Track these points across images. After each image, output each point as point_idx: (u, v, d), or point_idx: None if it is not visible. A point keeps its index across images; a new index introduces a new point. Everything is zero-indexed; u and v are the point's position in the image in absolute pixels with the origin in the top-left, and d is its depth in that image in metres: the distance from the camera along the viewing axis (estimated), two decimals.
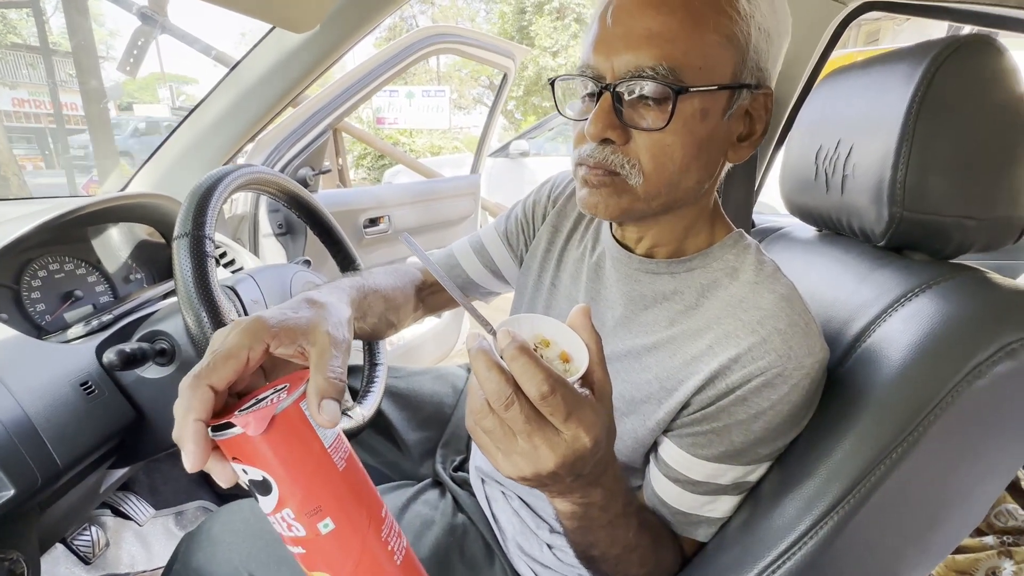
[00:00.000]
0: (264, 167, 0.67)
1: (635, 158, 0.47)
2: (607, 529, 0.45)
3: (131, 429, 0.63)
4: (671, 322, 0.53)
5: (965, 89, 0.47)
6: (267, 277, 0.65)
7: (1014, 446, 0.45)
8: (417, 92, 9.62)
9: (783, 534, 0.47)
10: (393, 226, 1.59)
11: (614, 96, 0.46)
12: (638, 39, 0.44)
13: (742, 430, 0.48)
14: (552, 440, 0.33)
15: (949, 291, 0.48)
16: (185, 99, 15.35)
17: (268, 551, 0.64)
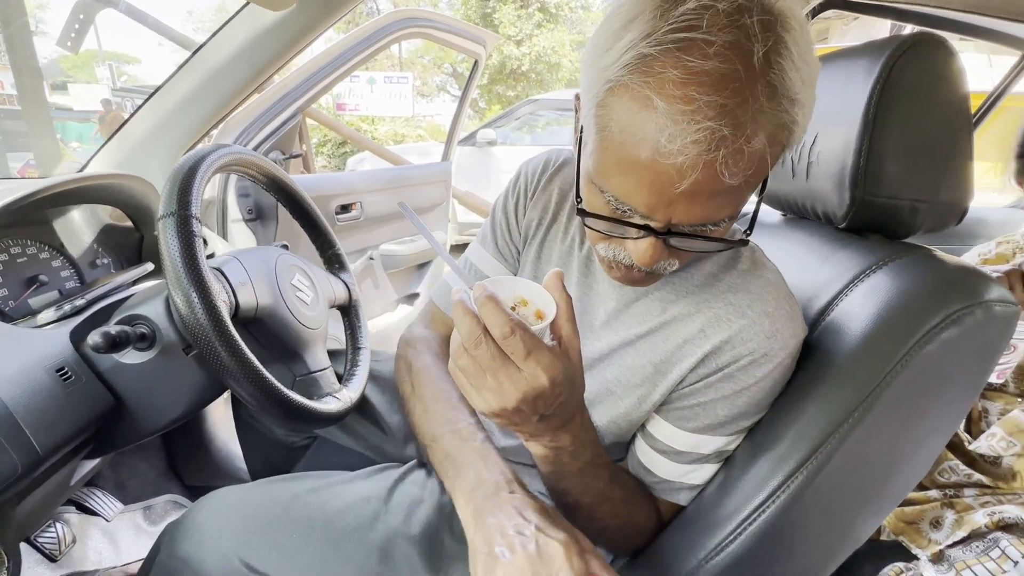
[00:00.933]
0: (246, 148, 0.65)
1: (676, 259, 0.47)
2: (578, 477, 0.49)
3: (108, 416, 0.61)
4: (663, 310, 0.56)
5: (918, 84, 0.52)
6: (252, 259, 0.64)
7: (956, 404, 0.50)
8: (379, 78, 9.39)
9: (755, 493, 0.51)
10: (365, 213, 1.56)
11: (666, 237, 0.43)
12: (707, 206, 0.40)
13: (727, 404, 0.52)
14: (514, 376, 0.38)
15: (902, 268, 0.53)
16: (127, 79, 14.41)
17: (260, 536, 0.64)
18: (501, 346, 0.38)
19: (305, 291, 0.71)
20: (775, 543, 0.51)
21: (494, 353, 0.38)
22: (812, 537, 0.54)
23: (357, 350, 0.83)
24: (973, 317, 0.46)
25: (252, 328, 0.63)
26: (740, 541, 0.51)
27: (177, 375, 0.64)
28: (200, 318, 0.50)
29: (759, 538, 0.51)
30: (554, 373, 0.38)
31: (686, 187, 0.38)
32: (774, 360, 0.51)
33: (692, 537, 0.55)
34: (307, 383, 0.68)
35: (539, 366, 0.38)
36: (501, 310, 0.37)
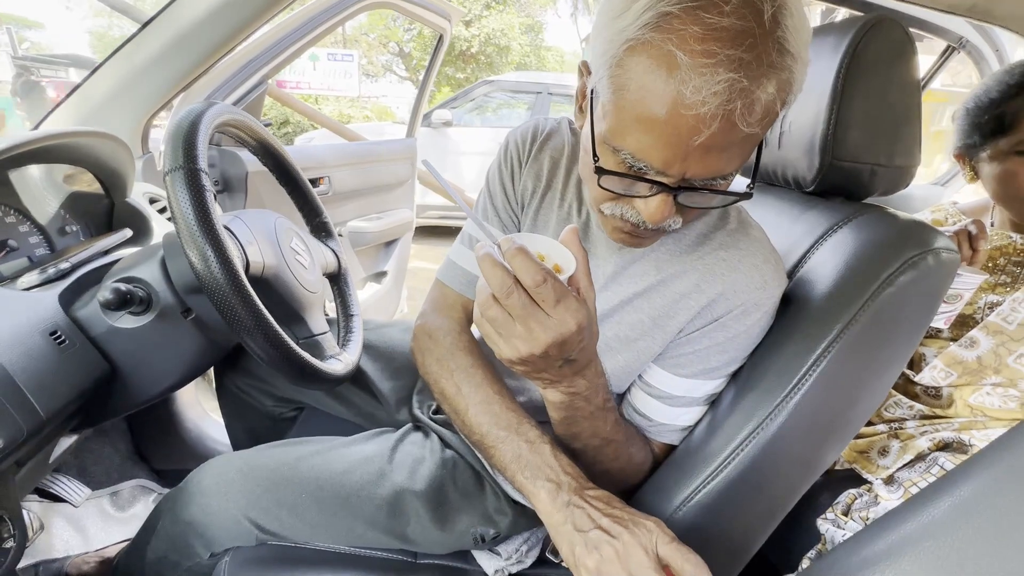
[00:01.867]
0: (241, 109, 0.64)
1: (680, 217, 0.50)
2: (589, 420, 0.53)
3: (102, 383, 0.59)
4: (658, 269, 0.60)
5: (879, 59, 0.59)
6: (254, 220, 0.63)
7: (908, 338, 0.59)
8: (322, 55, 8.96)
9: (741, 427, 0.57)
10: (333, 188, 1.53)
11: (677, 192, 0.45)
12: (720, 158, 0.43)
13: (719, 350, 0.58)
14: (545, 322, 0.40)
15: (864, 224, 0.60)
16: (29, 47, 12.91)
17: (269, 496, 0.64)
18: (532, 294, 0.40)
19: (303, 255, 0.71)
20: (757, 473, 0.58)
21: (525, 302, 0.40)
22: (788, 465, 0.61)
23: (350, 317, 0.83)
24: (925, 262, 0.54)
25: (259, 289, 0.62)
26: (726, 473, 0.57)
27: (174, 341, 0.62)
28: (216, 274, 0.49)
29: (744, 469, 0.57)
30: (580, 318, 0.41)
31: (704, 139, 0.40)
32: (762, 308, 0.57)
33: (684, 472, 0.60)
34: (310, 345, 0.68)
35: (568, 312, 0.40)
36: (532, 260, 0.39)
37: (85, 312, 0.57)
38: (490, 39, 11.35)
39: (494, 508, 0.72)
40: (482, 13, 11.25)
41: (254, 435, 0.94)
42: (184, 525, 0.63)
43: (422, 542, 0.68)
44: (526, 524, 0.72)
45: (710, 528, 0.59)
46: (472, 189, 3.67)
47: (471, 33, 11.23)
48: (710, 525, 0.59)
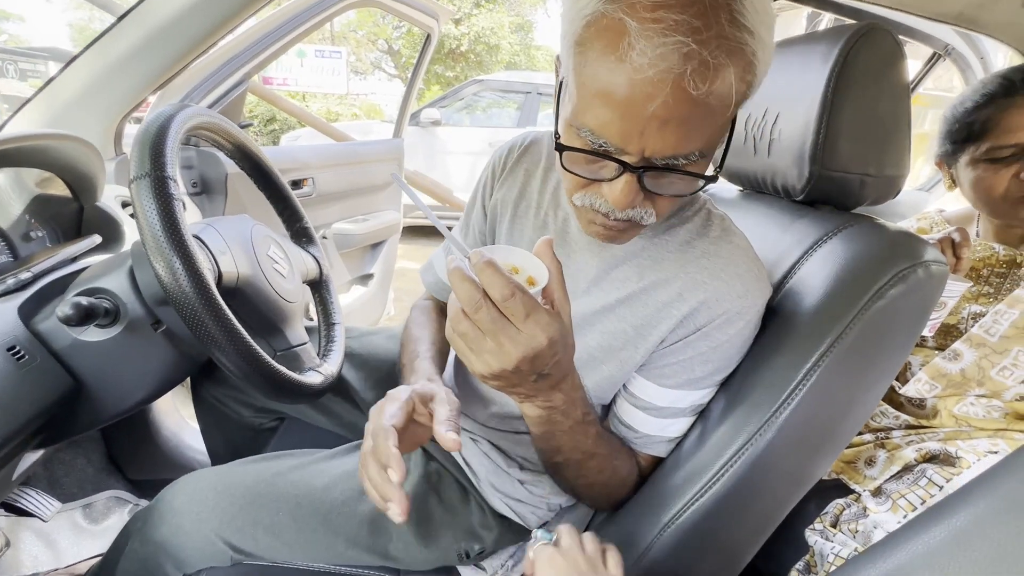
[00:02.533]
0: (214, 112, 0.61)
1: (651, 208, 0.49)
2: (569, 435, 0.52)
3: (67, 399, 0.56)
4: (640, 276, 0.59)
5: (869, 68, 0.58)
6: (228, 227, 0.60)
7: (898, 351, 0.58)
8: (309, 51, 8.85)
9: (731, 441, 0.56)
10: (317, 190, 1.50)
11: (641, 174, 0.44)
12: (677, 130, 0.41)
13: (703, 360, 0.57)
14: (514, 337, 0.40)
15: (854, 234, 0.59)
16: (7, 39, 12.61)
17: (244, 516, 0.62)
18: (501, 308, 0.39)
19: (281, 263, 0.68)
20: (747, 488, 0.57)
21: (494, 316, 0.39)
22: (778, 479, 0.61)
23: (331, 325, 0.81)
24: (915, 275, 0.53)
25: (233, 300, 0.60)
26: (716, 488, 0.56)
27: (143, 354, 0.60)
28: (184, 287, 0.47)
29: (734, 484, 0.56)
30: (551, 332, 0.40)
31: (657, 107, 0.39)
32: (744, 317, 0.56)
33: (674, 488, 0.59)
34: (288, 357, 0.65)
35: (538, 326, 0.40)
36: (501, 273, 0.39)
37: (47, 325, 0.54)
38: (480, 37, 11.30)
39: (479, 523, 0.70)
40: (472, 11, 11.20)
41: (233, 447, 0.91)
42: (155, 546, 0.60)
43: (405, 559, 0.66)
44: (512, 539, 0.71)
45: (701, 541, 0.58)
46: (460, 190, 3.64)
47: (460, 31, 11.18)
48: (701, 538, 0.58)
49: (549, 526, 0.72)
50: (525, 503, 0.70)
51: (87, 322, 0.52)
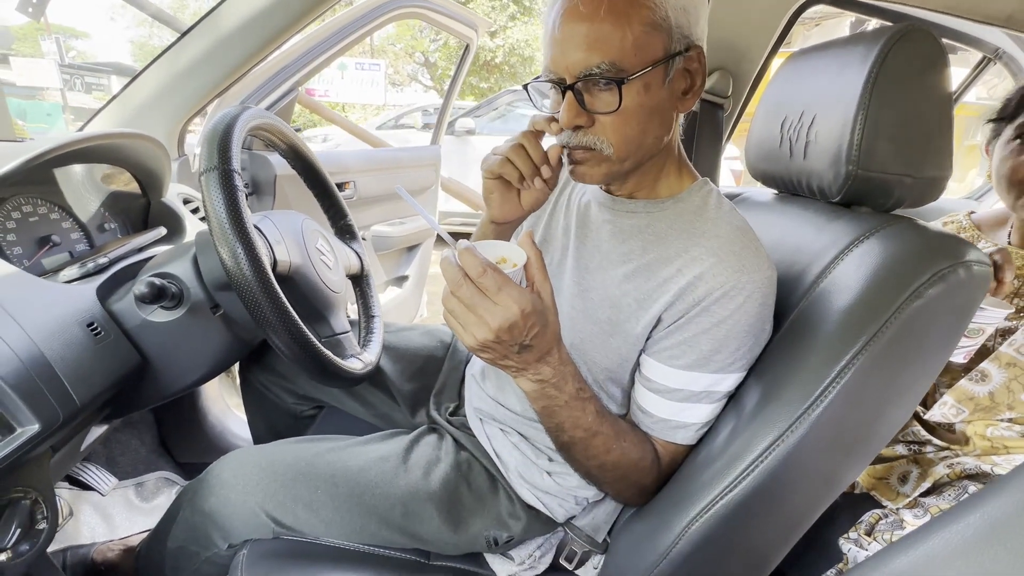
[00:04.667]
0: (273, 114, 0.66)
1: (602, 135, 0.57)
2: (566, 409, 0.56)
3: (133, 375, 0.61)
4: (644, 250, 0.63)
5: (909, 68, 0.58)
6: (282, 220, 0.65)
7: (937, 354, 0.57)
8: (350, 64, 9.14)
9: (763, 436, 0.56)
10: (358, 193, 1.56)
11: (575, 92, 0.55)
12: (581, 45, 0.53)
13: (708, 337, 0.58)
14: (491, 309, 0.46)
15: (892, 235, 0.59)
16: (76, 55, 13.55)
17: (286, 491, 0.65)
18: (477, 284, 0.46)
19: (328, 256, 0.72)
20: (777, 486, 0.56)
21: (473, 291, 0.46)
22: (809, 479, 0.60)
23: (371, 318, 0.84)
24: (956, 275, 0.52)
25: (284, 286, 0.64)
26: (745, 484, 0.56)
27: (203, 335, 0.65)
28: (246, 271, 0.51)
29: (764, 481, 0.55)
30: (523, 304, 0.47)
31: (563, 29, 0.53)
32: (743, 292, 0.57)
33: (702, 482, 0.59)
34: (332, 344, 0.69)
35: (510, 298, 0.46)
36: (475, 256, 0.46)
37: (120, 306, 0.60)
38: (514, 50, 11.46)
39: (507, 512, 0.72)
40: (507, 24, 11.38)
41: (275, 431, 0.96)
42: (203, 516, 0.64)
43: (435, 542, 0.68)
44: (540, 529, 0.72)
45: (728, 540, 0.58)
46: None
47: (496, 44, 11.37)
48: (728, 537, 0.58)
49: (577, 519, 0.73)
50: (553, 495, 0.71)
51: (156, 302, 0.57)
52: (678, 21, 0.55)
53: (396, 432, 0.82)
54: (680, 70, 0.58)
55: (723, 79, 1.01)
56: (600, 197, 0.69)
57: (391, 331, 0.94)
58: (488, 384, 0.78)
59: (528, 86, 0.62)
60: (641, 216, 0.65)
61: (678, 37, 0.56)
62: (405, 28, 12.20)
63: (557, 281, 0.72)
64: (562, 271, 0.71)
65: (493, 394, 0.77)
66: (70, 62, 11.11)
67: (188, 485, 0.69)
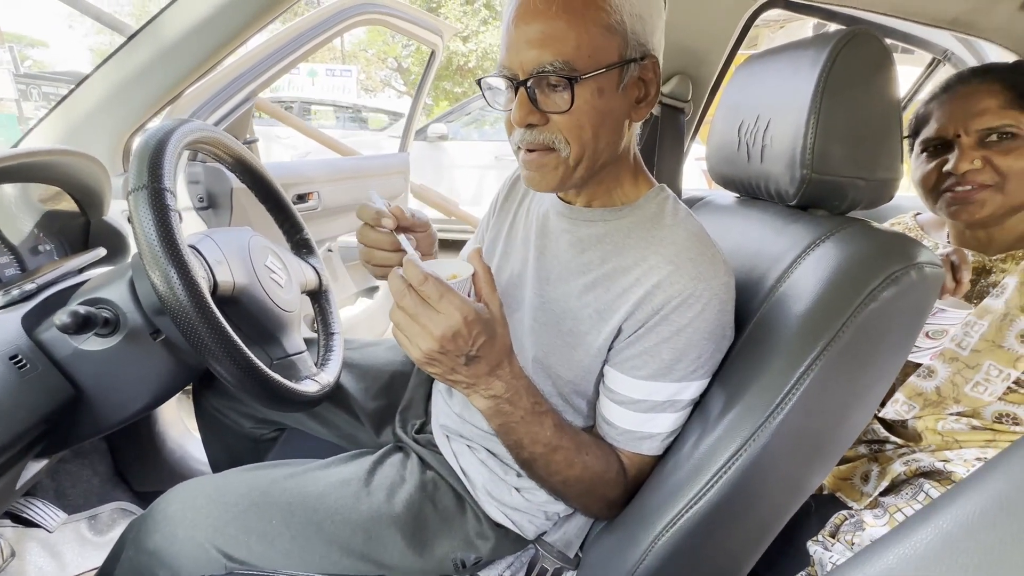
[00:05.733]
0: (214, 126, 0.63)
1: (556, 133, 0.56)
2: (524, 425, 0.55)
3: (67, 408, 0.57)
4: (603, 260, 0.62)
5: (857, 72, 0.58)
6: (226, 239, 0.62)
7: (894, 355, 0.57)
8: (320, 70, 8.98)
9: (728, 444, 0.55)
10: (323, 203, 1.52)
11: (528, 89, 0.55)
12: (535, 42, 0.53)
13: (669, 346, 0.58)
14: (434, 318, 0.47)
15: (846, 237, 0.59)
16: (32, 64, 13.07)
17: (238, 523, 0.62)
18: (419, 292, 0.47)
19: (279, 273, 0.69)
20: (743, 494, 0.56)
21: (416, 300, 0.47)
22: (775, 486, 0.60)
23: (330, 335, 0.81)
24: (909, 277, 0.53)
25: (229, 309, 0.61)
26: (711, 495, 0.55)
27: (143, 362, 0.61)
28: (180, 296, 0.48)
29: (730, 491, 0.55)
30: (465, 312, 0.47)
31: (518, 26, 0.53)
32: (701, 300, 0.56)
33: (668, 494, 0.58)
34: (285, 366, 0.66)
35: (451, 305, 0.46)
36: (416, 266, 0.47)
37: (49, 335, 0.56)
38: (487, 54, 11.48)
39: (475, 532, 0.70)
40: (479, 28, 11.40)
41: (234, 457, 0.92)
42: (148, 555, 0.61)
43: (399, 568, 0.66)
44: (509, 548, 0.70)
45: (698, 551, 0.57)
46: (467, 203, 3.67)
47: (468, 48, 11.37)
48: (697, 548, 0.57)
49: (548, 535, 0.71)
50: (522, 511, 0.70)
51: (86, 331, 0.53)
52: (633, 28, 0.55)
53: (360, 453, 0.79)
54: (635, 78, 0.58)
55: (683, 83, 1.01)
56: (558, 207, 0.68)
57: (354, 348, 0.91)
58: (454, 400, 0.76)
59: (482, 83, 0.61)
60: (599, 225, 0.64)
61: (633, 44, 0.55)
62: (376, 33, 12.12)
63: (518, 293, 0.70)
64: (523, 283, 0.70)
65: (459, 410, 0.75)
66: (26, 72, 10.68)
67: (131, 522, 0.65)
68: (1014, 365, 0.72)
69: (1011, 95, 0.74)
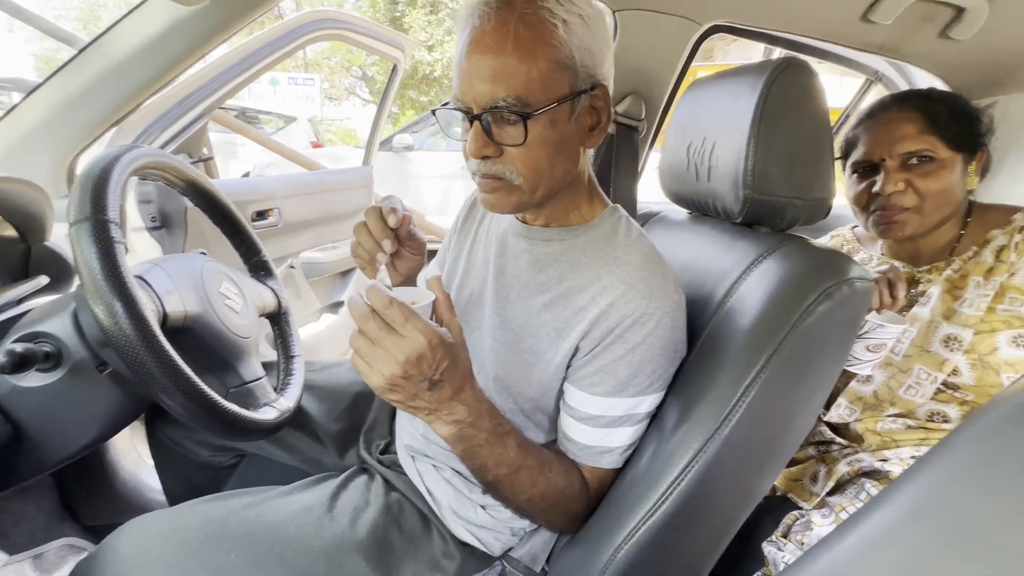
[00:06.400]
0: (162, 151, 0.62)
1: (511, 165, 0.58)
2: (487, 448, 0.56)
3: (6, 447, 0.55)
4: (560, 279, 0.64)
5: (791, 99, 0.62)
6: (176, 267, 0.60)
7: (830, 366, 0.61)
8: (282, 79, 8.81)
9: (680, 457, 0.58)
10: (284, 219, 1.50)
11: (483, 122, 0.56)
12: (487, 77, 0.54)
13: (624, 364, 0.60)
14: (398, 342, 0.46)
15: (785, 254, 0.63)
16: None
17: (193, 559, 0.60)
18: (383, 316, 0.46)
19: (234, 299, 0.68)
20: (697, 505, 0.58)
21: (380, 324, 0.46)
22: (726, 494, 0.62)
23: (290, 359, 0.80)
24: (841, 292, 0.56)
25: (180, 339, 0.60)
26: (665, 508, 0.57)
27: (88, 397, 0.59)
28: (125, 329, 0.47)
29: (683, 502, 0.57)
30: (430, 336, 0.47)
31: (471, 60, 0.54)
32: (653, 318, 0.59)
33: (623, 510, 0.60)
34: (241, 394, 0.65)
35: (416, 329, 0.46)
36: (381, 292, 0.46)
37: None
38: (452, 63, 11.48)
39: (441, 552, 0.70)
40: (444, 39, 11.41)
41: (192, 487, 0.89)
42: None
43: None
44: (475, 566, 0.71)
45: (657, 559, 0.59)
46: (433, 213, 3.66)
47: (433, 57, 11.36)
48: (656, 556, 0.59)
49: (514, 550, 0.72)
50: (488, 529, 0.70)
51: (24, 368, 0.51)
52: (583, 60, 0.57)
53: (324, 477, 0.78)
54: (586, 107, 0.60)
55: (636, 103, 1.05)
56: (516, 227, 0.69)
57: (315, 369, 0.90)
58: (419, 420, 0.76)
59: (437, 112, 0.62)
60: (556, 244, 0.66)
61: (583, 76, 0.57)
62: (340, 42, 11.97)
63: (479, 312, 0.71)
64: (483, 302, 0.71)
65: (424, 430, 0.75)
66: None
67: (79, 563, 0.62)
68: (940, 368, 0.77)
69: (927, 122, 0.80)
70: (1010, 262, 0.76)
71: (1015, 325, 0.75)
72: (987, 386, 0.76)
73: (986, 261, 0.79)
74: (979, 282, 0.78)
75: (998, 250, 0.79)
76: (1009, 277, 0.76)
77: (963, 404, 0.79)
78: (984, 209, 0.85)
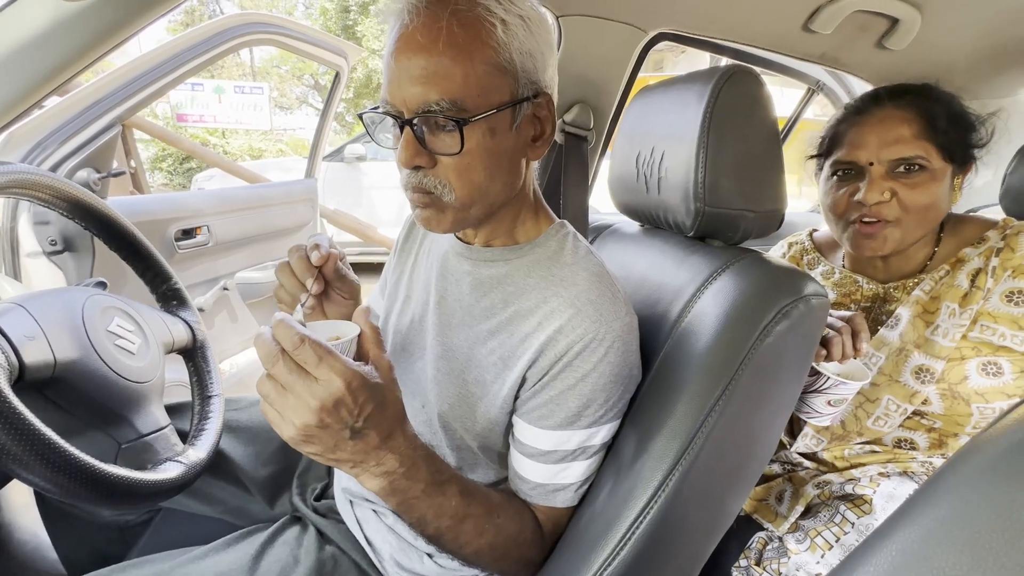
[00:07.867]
0: (28, 166, 0.52)
1: (444, 178, 0.53)
2: (425, 500, 0.49)
3: None
4: (505, 303, 0.59)
5: (738, 107, 0.59)
6: (46, 305, 0.50)
7: (791, 385, 0.58)
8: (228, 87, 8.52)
9: (641, 493, 0.53)
10: (214, 238, 1.38)
11: (415, 128, 0.51)
12: (418, 79, 0.49)
13: (575, 394, 0.55)
14: (311, 386, 0.40)
15: (740, 270, 0.59)
16: None
17: None
18: (294, 357, 0.40)
19: (128, 337, 0.59)
20: (665, 537, 0.54)
21: (291, 367, 0.40)
22: (694, 523, 0.58)
23: (207, 399, 0.71)
24: (798, 309, 0.53)
25: (49, 392, 0.50)
26: (632, 544, 0.53)
27: None
28: None
29: (651, 535, 0.52)
30: (348, 377, 0.40)
31: (401, 61, 0.49)
32: (604, 343, 0.54)
33: (589, 548, 0.55)
34: (136, 450, 0.55)
35: (332, 371, 0.40)
36: (290, 327, 0.40)
37: None
38: None
39: None
40: None
41: (94, 551, 0.77)
42: None
43: None
44: None
45: None
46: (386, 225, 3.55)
47: None
48: None
49: None
50: None
51: None
52: (524, 66, 0.52)
53: (250, 531, 0.69)
54: (529, 116, 0.55)
55: (583, 112, 1.01)
56: (457, 247, 0.64)
57: (240, 407, 0.81)
58: None
59: (364, 117, 0.56)
60: (500, 265, 0.61)
61: (525, 82, 0.53)
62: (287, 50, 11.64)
63: (420, 339, 0.65)
64: (424, 329, 0.64)
65: None
66: None
67: None
68: (910, 400, 0.72)
69: (924, 124, 0.72)
70: (986, 288, 0.70)
71: (984, 352, 0.70)
72: (956, 415, 0.72)
73: (961, 286, 0.72)
74: (954, 310, 0.71)
75: (973, 274, 0.72)
76: (983, 304, 0.70)
77: (931, 431, 0.75)
78: (958, 222, 0.78)
